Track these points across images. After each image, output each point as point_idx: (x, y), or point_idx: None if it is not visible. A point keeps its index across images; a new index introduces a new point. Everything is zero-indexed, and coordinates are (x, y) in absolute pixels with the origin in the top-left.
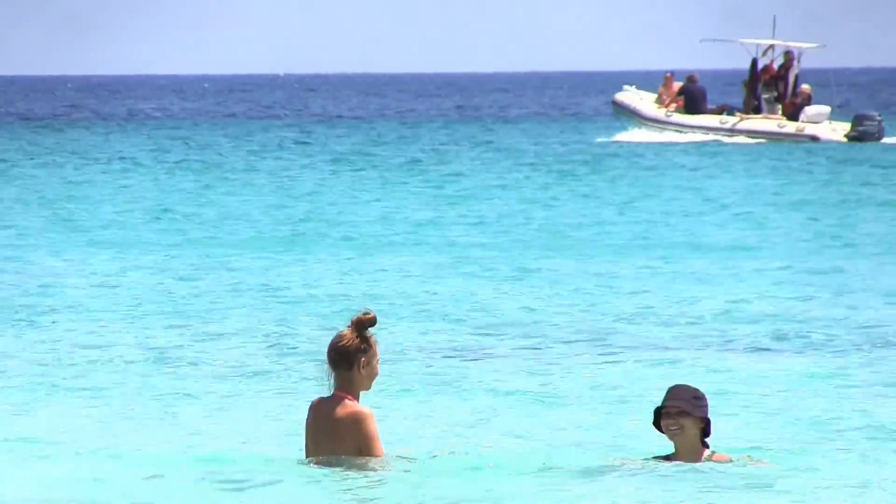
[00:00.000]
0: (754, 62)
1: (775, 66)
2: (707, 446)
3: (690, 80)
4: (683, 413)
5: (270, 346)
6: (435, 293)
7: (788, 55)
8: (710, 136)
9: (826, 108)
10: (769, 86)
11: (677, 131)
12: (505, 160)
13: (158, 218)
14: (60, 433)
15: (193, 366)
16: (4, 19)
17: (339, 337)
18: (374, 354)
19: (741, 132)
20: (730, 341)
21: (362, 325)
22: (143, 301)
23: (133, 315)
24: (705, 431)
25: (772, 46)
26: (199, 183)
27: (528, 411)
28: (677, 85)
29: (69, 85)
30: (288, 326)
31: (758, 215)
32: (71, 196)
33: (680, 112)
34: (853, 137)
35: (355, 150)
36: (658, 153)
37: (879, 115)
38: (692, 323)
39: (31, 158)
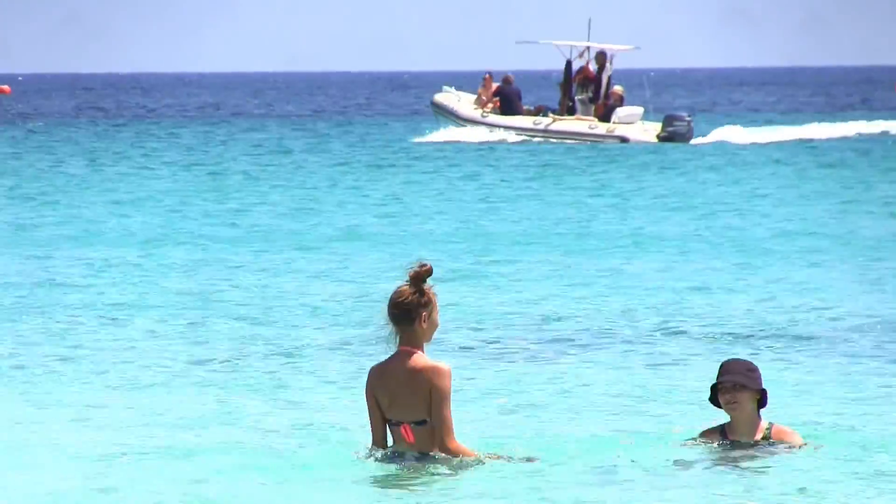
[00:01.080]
0: (569, 64)
1: (591, 67)
2: (761, 418)
3: (506, 81)
4: (740, 387)
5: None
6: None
7: (601, 57)
8: (524, 137)
9: (639, 109)
10: (584, 87)
11: (491, 131)
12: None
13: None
14: (93, 431)
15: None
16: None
17: (399, 293)
18: (434, 307)
19: (554, 133)
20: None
21: (419, 277)
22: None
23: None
24: (761, 403)
25: (587, 48)
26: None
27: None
28: (496, 86)
29: (140, 81)
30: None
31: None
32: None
33: (496, 113)
34: (664, 138)
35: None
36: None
37: (689, 116)
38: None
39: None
